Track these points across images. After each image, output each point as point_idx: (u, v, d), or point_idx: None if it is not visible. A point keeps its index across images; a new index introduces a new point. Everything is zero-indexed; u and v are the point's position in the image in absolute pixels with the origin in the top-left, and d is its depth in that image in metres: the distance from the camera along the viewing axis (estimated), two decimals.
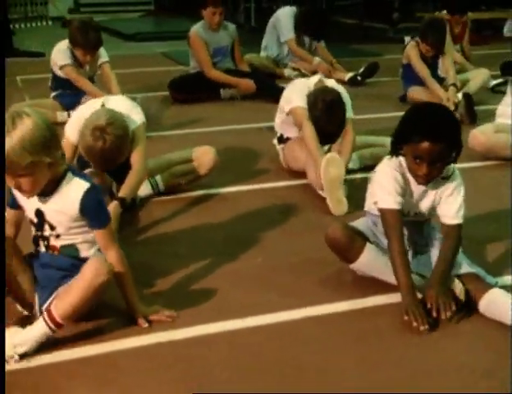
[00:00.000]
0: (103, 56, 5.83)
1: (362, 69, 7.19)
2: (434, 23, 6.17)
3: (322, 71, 6.83)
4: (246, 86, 6.53)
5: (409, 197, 2.95)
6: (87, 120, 3.55)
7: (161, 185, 4.10)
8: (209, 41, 6.51)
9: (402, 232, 2.90)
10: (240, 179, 4.45)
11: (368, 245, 3.01)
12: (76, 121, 3.73)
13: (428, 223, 3.11)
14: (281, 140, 4.56)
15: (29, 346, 2.52)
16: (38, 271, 2.78)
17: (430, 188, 2.94)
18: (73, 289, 2.56)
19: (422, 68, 6.13)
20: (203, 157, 4.14)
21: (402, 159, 2.91)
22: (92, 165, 3.62)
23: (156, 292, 3.03)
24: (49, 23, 12.06)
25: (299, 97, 4.25)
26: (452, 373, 2.48)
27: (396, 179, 2.89)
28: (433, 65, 6.25)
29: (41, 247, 2.82)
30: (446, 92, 5.98)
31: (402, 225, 2.91)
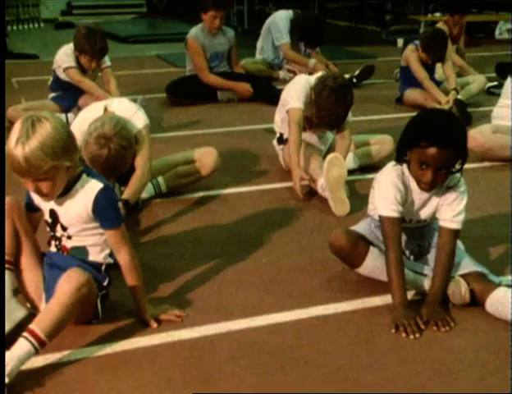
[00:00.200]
0: (106, 60, 5.80)
1: (357, 71, 7.22)
2: (437, 36, 6.18)
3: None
4: (243, 90, 6.54)
5: (411, 205, 2.96)
6: (91, 126, 3.50)
7: (163, 186, 4.11)
8: (207, 46, 6.52)
9: (400, 241, 2.91)
10: (241, 180, 4.48)
11: (372, 250, 3.03)
12: (79, 125, 3.71)
13: (431, 226, 3.12)
14: (281, 141, 4.58)
15: (11, 367, 2.34)
16: (46, 271, 2.80)
17: (433, 195, 2.94)
18: (54, 305, 2.48)
19: (420, 72, 6.16)
20: (206, 158, 4.16)
21: (404, 167, 2.92)
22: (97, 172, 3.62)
23: (162, 292, 3.04)
24: (41, 25, 12.01)
25: (298, 97, 4.26)
26: (461, 372, 2.51)
27: (397, 187, 2.90)
28: (431, 69, 6.30)
29: (52, 247, 2.85)
30: (445, 95, 6.03)
31: (400, 233, 2.92)
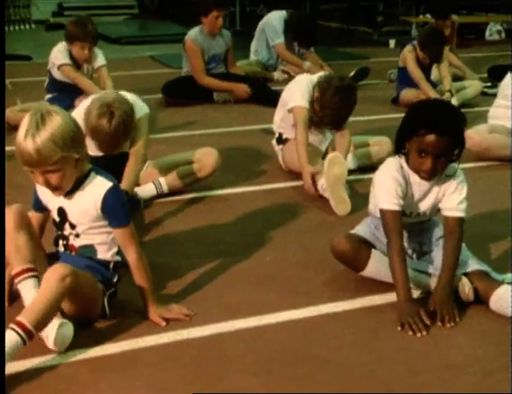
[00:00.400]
0: (101, 59, 5.79)
1: (353, 72, 7.24)
2: (434, 34, 6.28)
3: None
4: (240, 91, 6.56)
5: (411, 198, 2.99)
6: (93, 100, 3.54)
7: (164, 186, 4.13)
8: (206, 48, 6.53)
9: (402, 233, 2.94)
10: (241, 180, 4.50)
11: (374, 253, 3.06)
12: (81, 114, 3.69)
13: (431, 222, 3.17)
14: (280, 141, 4.60)
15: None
16: None
17: (433, 185, 2.98)
18: (40, 297, 2.48)
19: (417, 72, 6.23)
20: (206, 158, 4.18)
21: (403, 161, 2.96)
22: (97, 146, 3.59)
23: (169, 291, 3.06)
24: (32, 26, 11.97)
25: (302, 96, 4.28)
26: (468, 368, 2.54)
27: (397, 180, 2.93)
28: (427, 70, 6.36)
29: (60, 247, 2.86)
30: (441, 96, 6.08)
31: (402, 226, 2.94)
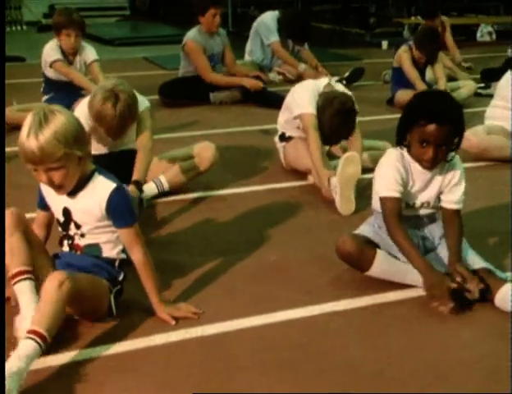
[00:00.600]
0: (92, 54, 5.81)
1: (347, 73, 7.28)
2: (430, 34, 6.38)
3: (308, 78, 6.91)
4: (252, 84, 6.56)
5: (413, 187, 3.06)
6: (95, 89, 3.57)
7: (165, 184, 4.14)
8: (205, 47, 6.55)
9: (401, 219, 3.00)
10: (242, 180, 4.52)
11: (379, 253, 3.09)
12: (81, 115, 3.71)
13: (434, 217, 3.20)
14: (283, 138, 4.63)
15: (19, 366, 2.28)
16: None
17: (435, 174, 3.05)
18: (44, 305, 2.46)
19: (412, 72, 6.29)
20: (204, 152, 4.21)
21: (404, 151, 3.03)
22: (104, 132, 3.60)
23: (175, 290, 3.07)
24: (24, 28, 11.95)
25: (310, 102, 4.30)
26: (476, 364, 2.57)
27: (397, 169, 3.00)
28: (422, 71, 6.41)
29: (65, 247, 2.87)
30: None
31: (401, 213, 3.01)
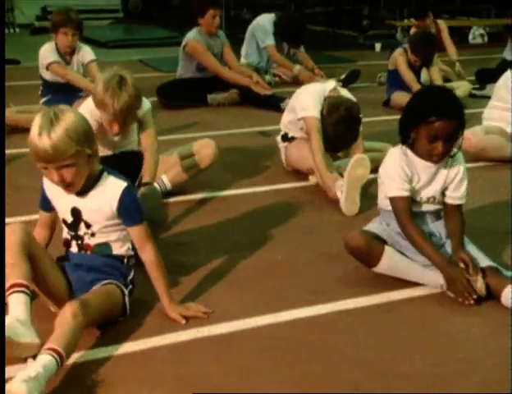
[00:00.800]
0: (90, 55, 5.81)
1: (343, 75, 7.31)
2: (425, 38, 6.45)
3: (303, 79, 6.98)
4: (259, 88, 6.59)
5: (419, 182, 3.10)
6: (97, 79, 3.54)
7: (168, 184, 4.16)
8: (207, 47, 6.57)
9: (412, 217, 3.05)
10: (244, 181, 4.55)
11: (387, 249, 3.12)
12: (85, 113, 3.72)
13: (441, 214, 3.23)
14: (286, 139, 4.65)
15: (42, 370, 2.28)
16: (70, 273, 2.81)
17: (440, 168, 3.10)
18: (60, 330, 2.44)
19: (408, 74, 6.35)
20: (205, 149, 4.22)
21: (406, 148, 3.08)
22: (109, 121, 3.55)
23: (183, 290, 3.08)
24: (17, 30, 11.93)
25: (314, 106, 4.31)
26: (486, 361, 2.60)
27: (402, 167, 3.06)
28: (417, 73, 6.47)
29: (73, 248, 2.87)
30: None
31: (411, 211, 3.06)
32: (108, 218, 2.78)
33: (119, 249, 2.87)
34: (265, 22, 7.53)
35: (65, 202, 2.80)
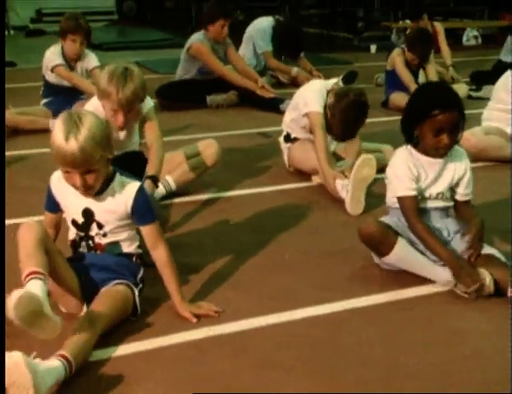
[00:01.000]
0: (94, 61, 5.82)
1: (341, 77, 7.33)
2: (421, 35, 6.50)
3: (302, 80, 6.99)
4: (263, 91, 6.62)
5: (427, 179, 3.16)
6: (102, 72, 3.51)
7: (173, 184, 4.18)
8: (212, 50, 6.60)
9: (420, 215, 3.11)
10: (247, 182, 4.57)
11: (400, 239, 3.16)
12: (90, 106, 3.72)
13: (449, 211, 3.29)
14: (288, 139, 4.67)
15: (46, 367, 2.30)
16: (81, 273, 2.81)
17: (446, 163, 3.17)
18: (76, 337, 2.48)
19: (406, 75, 6.40)
20: (209, 148, 4.25)
21: (411, 148, 3.14)
22: (113, 111, 3.50)
23: (193, 289, 3.09)
24: (11, 32, 11.90)
25: (317, 101, 4.36)
26: (495, 357, 2.64)
27: (409, 167, 3.12)
28: (415, 74, 6.52)
29: (82, 248, 2.88)
30: None
31: (418, 209, 3.12)
32: (121, 218, 2.80)
33: (128, 247, 2.89)
34: (264, 26, 7.55)
35: (76, 203, 2.80)
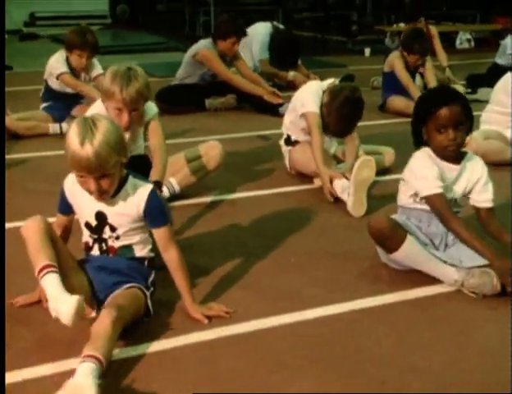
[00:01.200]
0: (98, 68, 5.83)
1: (338, 80, 7.37)
2: (415, 33, 6.58)
3: (299, 83, 7.03)
4: (270, 97, 6.64)
5: (443, 183, 3.20)
6: (106, 73, 3.49)
7: (176, 186, 4.20)
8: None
9: (453, 211, 3.18)
10: (249, 185, 4.60)
11: (409, 237, 3.19)
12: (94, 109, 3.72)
13: (457, 214, 3.32)
14: (289, 142, 4.71)
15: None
16: (93, 275, 2.83)
17: (462, 171, 3.23)
18: (99, 337, 2.48)
19: (405, 76, 6.44)
20: (211, 151, 4.26)
21: (429, 150, 3.20)
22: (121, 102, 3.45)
23: (202, 290, 3.11)
24: (5, 36, 11.87)
25: (313, 101, 4.40)
26: (506, 355, 2.66)
27: (431, 166, 3.18)
28: (413, 74, 6.59)
29: (95, 251, 2.89)
30: None
31: (450, 205, 3.19)
32: (134, 221, 2.82)
33: (141, 251, 2.90)
34: (262, 33, 7.63)
35: (89, 206, 2.81)
